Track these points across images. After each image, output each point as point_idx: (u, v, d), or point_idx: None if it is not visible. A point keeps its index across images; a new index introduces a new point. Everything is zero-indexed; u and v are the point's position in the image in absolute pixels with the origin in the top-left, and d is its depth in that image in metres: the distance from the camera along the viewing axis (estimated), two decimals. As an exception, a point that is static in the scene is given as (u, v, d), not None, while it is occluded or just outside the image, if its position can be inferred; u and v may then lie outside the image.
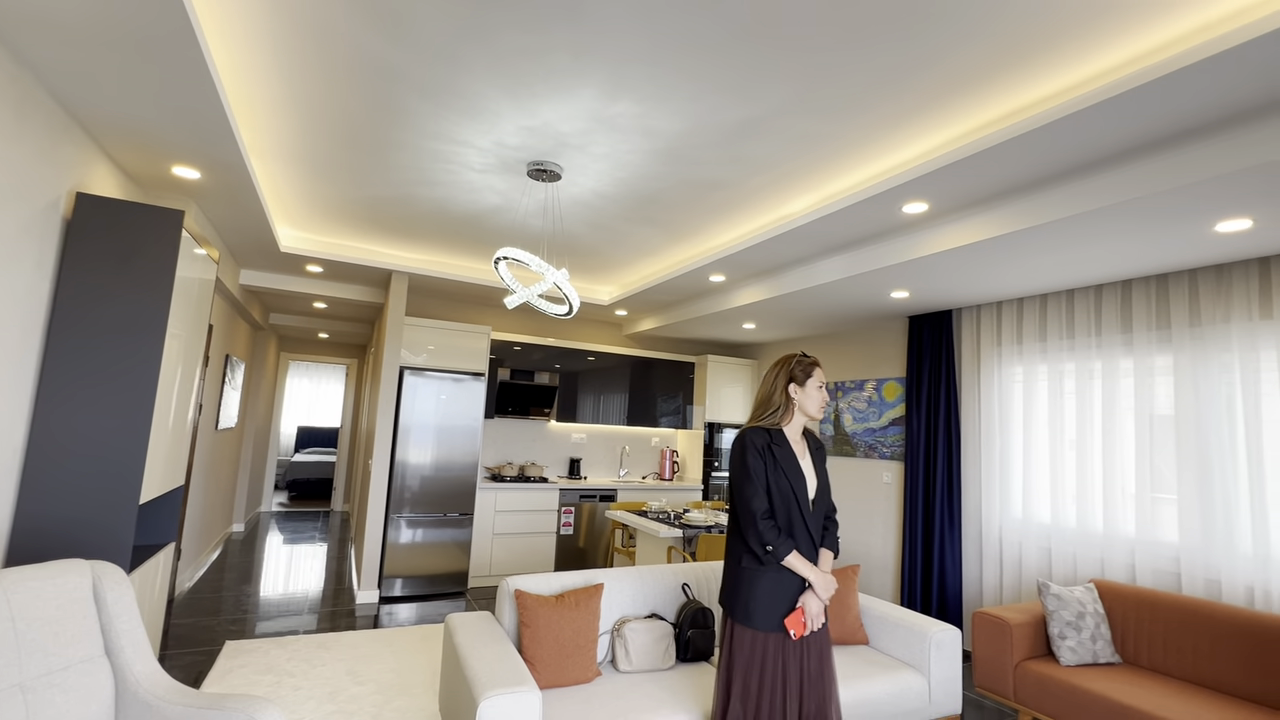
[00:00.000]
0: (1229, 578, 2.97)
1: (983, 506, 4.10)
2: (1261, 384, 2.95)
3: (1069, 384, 3.74)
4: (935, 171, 2.54)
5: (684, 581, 2.92)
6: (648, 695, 2.35)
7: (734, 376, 6.47)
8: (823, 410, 2.02)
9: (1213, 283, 3.13)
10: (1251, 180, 2.15)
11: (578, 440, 6.16)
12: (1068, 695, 2.77)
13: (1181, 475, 3.18)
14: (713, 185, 3.09)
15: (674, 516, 4.36)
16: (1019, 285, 3.69)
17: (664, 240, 4.01)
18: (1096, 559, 3.48)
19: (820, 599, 1.93)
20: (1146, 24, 1.78)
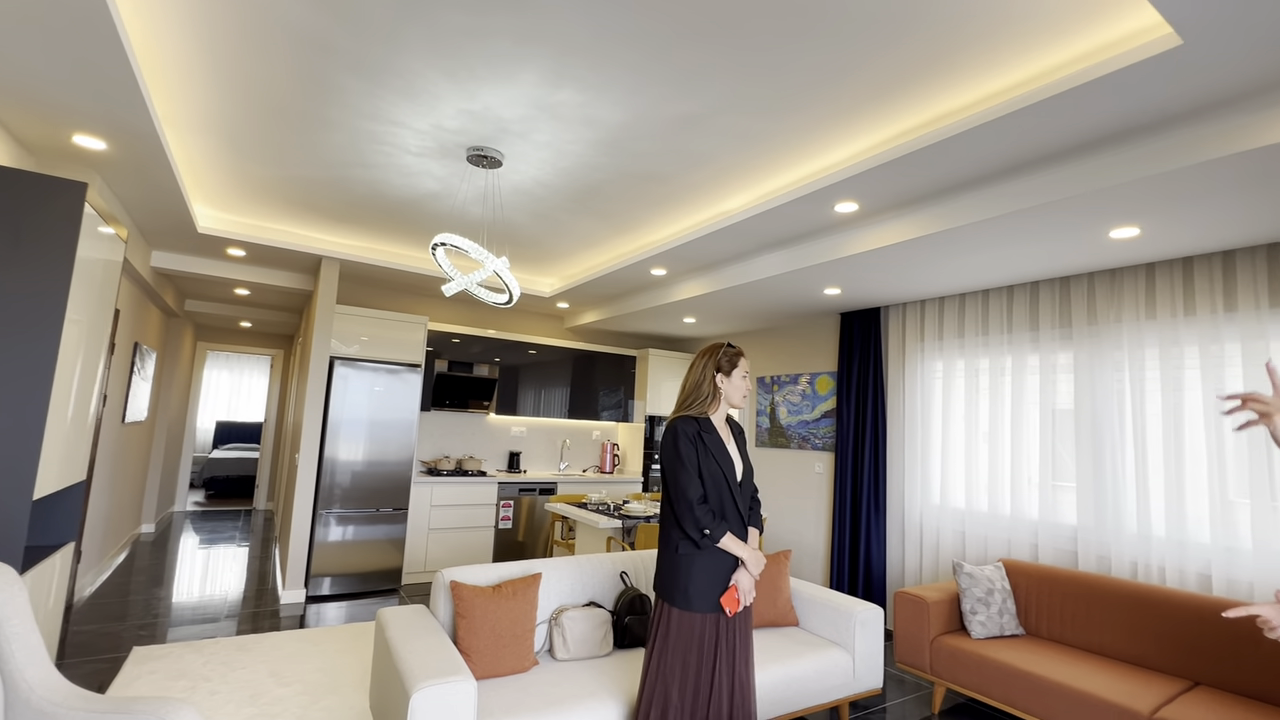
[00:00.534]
0: (1117, 554, 3.26)
1: (905, 494, 4.34)
2: (1146, 380, 3.26)
3: (983, 379, 4.00)
4: (864, 173, 2.67)
5: (622, 570, 2.96)
6: (585, 681, 2.37)
7: (675, 370, 6.56)
8: (745, 399, 2.10)
9: (1107, 286, 3.42)
10: (1138, 191, 2.37)
11: (518, 434, 6.09)
12: (977, 666, 2.98)
13: (1079, 463, 3.47)
14: (654, 178, 3.13)
15: (613, 508, 4.39)
16: (941, 285, 3.91)
17: (606, 232, 4.02)
18: (1005, 540, 3.75)
19: (751, 574, 2.02)
20: (1052, 42, 1.93)
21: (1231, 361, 2.97)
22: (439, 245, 2.72)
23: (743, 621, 2.09)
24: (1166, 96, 1.97)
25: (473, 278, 2.90)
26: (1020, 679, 2.81)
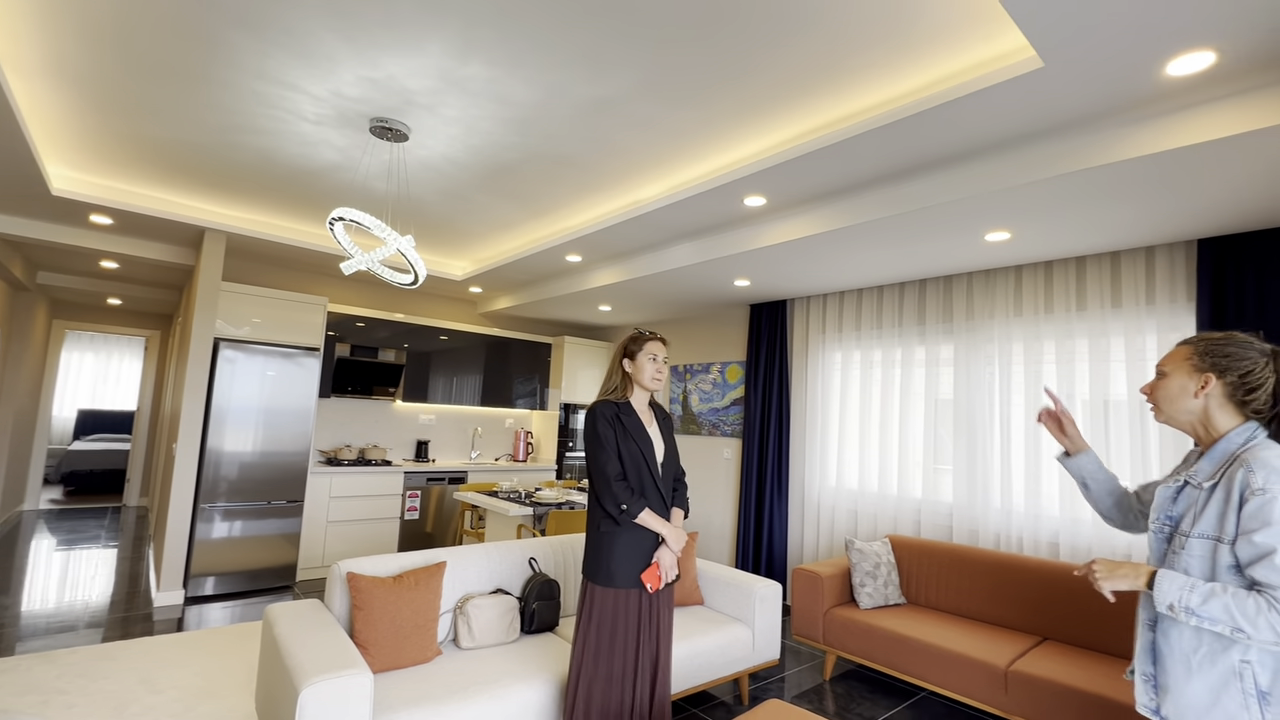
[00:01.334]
0: (984, 528, 3.62)
1: (806, 477, 4.58)
2: (1012, 372, 3.62)
3: (876, 370, 4.29)
4: (770, 169, 2.78)
5: (531, 556, 2.94)
6: (491, 668, 2.35)
7: (590, 358, 6.56)
8: (655, 381, 2.16)
9: (983, 285, 3.76)
10: (1008, 199, 2.61)
11: (426, 421, 5.88)
12: (864, 634, 3.21)
13: (956, 447, 3.80)
14: (569, 163, 3.10)
15: (525, 495, 4.35)
16: (842, 280, 4.15)
17: (521, 215, 3.95)
18: (892, 517, 4.06)
19: (673, 551, 2.09)
20: (940, 55, 2.09)
21: (1081, 356, 3.35)
22: (338, 220, 2.57)
23: (665, 600, 2.16)
24: (1030, 113, 2.18)
25: (374, 256, 2.76)
26: (900, 644, 3.06)
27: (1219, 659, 1.17)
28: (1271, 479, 1.13)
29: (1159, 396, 1.35)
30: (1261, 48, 1.76)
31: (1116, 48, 1.78)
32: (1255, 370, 1.24)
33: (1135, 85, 1.97)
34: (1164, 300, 3.09)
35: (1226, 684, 1.15)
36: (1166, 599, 1.18)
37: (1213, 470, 1.24)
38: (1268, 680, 1.13)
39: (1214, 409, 1.28)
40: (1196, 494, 1.25)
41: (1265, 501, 1.13)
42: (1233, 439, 1.24)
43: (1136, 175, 2.30)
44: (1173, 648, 1.22)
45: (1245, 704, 1.14)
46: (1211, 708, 1.16)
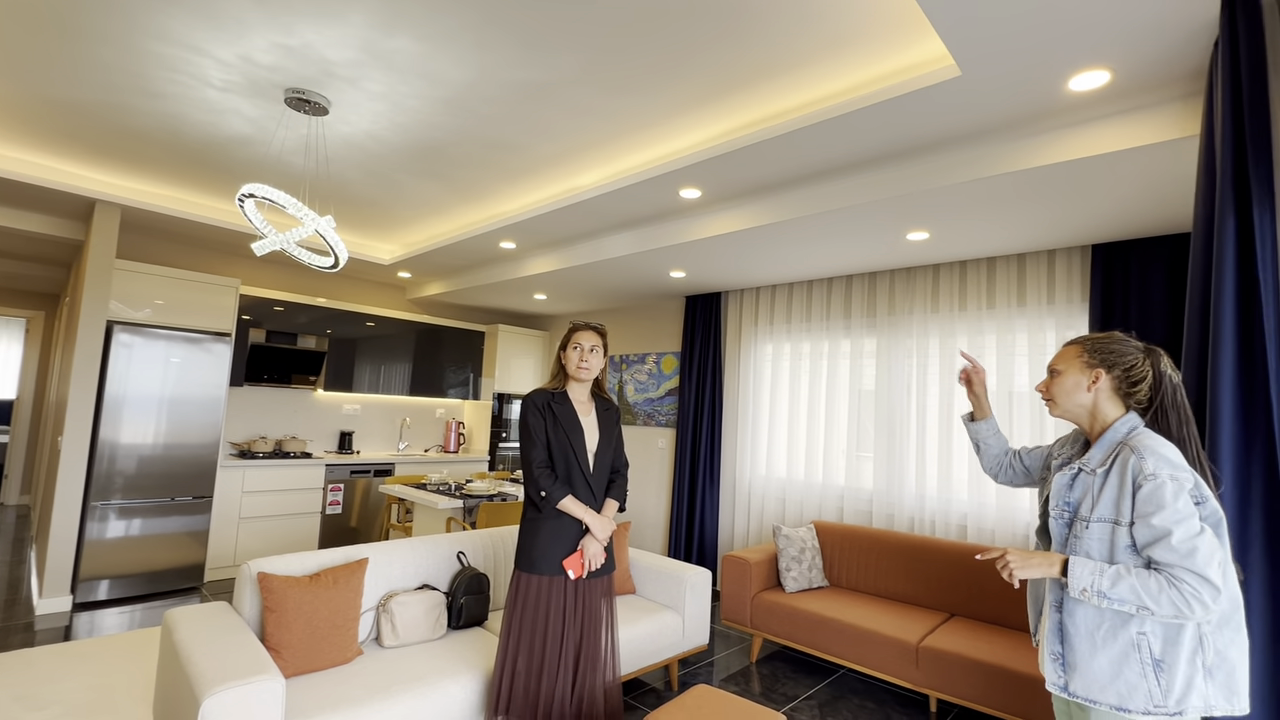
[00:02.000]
0: (900, 512, 3.82)
1: (737, 466, 4.69)
2: (929, 365, 3.82)
3: (805, 362, 4.44)
4: (706, 161, 2.80)
5: (459, 550, 2.87)
6: (416, 666, 2.28)
7: (525, 348, 6.45)
8: (581, 369, 2.17)
9: (904, 282, 3.95)
10: (928, 200, 2.74)
11: (350, 412, 5.62)
12: (789, 616, 3.33)
13: (877, 436, 3.99)
14: (504, 146, 3.01)
15: (455, 488, 4.24)
16: (774, 274, 4.25)
17: (452, 199, 3.81)
18: (817, 504, 4.22)
19: (598, 540, 2.10)
20: (871, 59, 2.15)
21: (989, 350, 3.58)
22: (248, 197, 2.40)
23: (599, 589, 2.17)
24: (949, 119, 2.29)
25: (290, 236, 2.59)
26: (822, 624, 3.20)
27: (1119, 633, 1.27)
28: (1161, 465, 1.24)
29: (1055, 392, 1.46)
30: (1148, 70, 1.91)
31: (1026, 60, 1.89)
32: (1137, 365, 1.36)
33: (1042, 98, 2.10)
34: (1062, 299, 3.34)
35: (1126, 656, 1.26)
36: (1080, 584, 1.27)
37: (1104, 457, 1.35)
38: (1160, 649, 1.24)
39: (1103, 401, 1.39)
40: (1091, 480, 1.35)
41: (1157, 486, 1.23)
42: (1119, 428, 1.36)
43: (1042, 183, 2.47)
44: (1078, 627, 1.32)
45: (1143, 672, 1.25)
46: (1114, 679, 1.26)
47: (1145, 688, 1.24)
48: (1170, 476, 1.23)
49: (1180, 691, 1.22)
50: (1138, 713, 1.24)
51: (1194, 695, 1.22)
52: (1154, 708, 1.23)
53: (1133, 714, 1.25)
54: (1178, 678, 1.23)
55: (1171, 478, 1.23)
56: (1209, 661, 1.23)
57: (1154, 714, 1.24)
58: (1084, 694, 1.30)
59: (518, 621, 2.08)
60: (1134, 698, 1.24)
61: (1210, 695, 1.23)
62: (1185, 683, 1.23)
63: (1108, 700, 1.27)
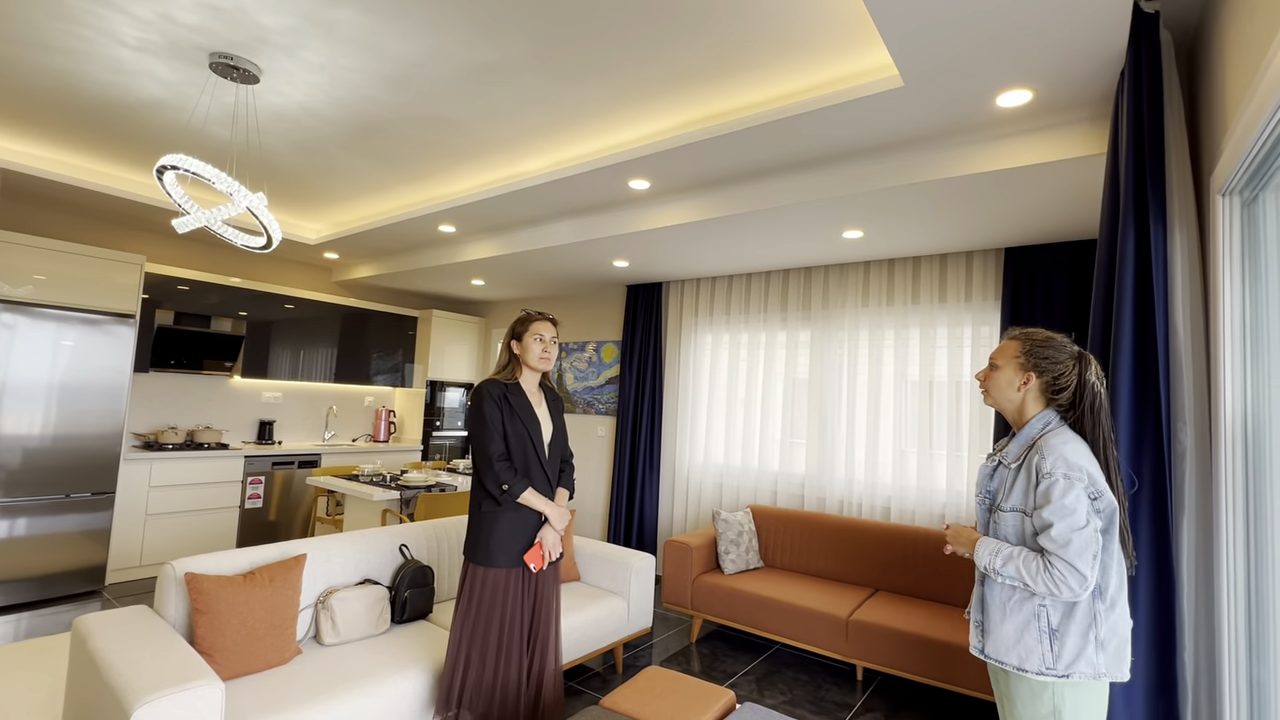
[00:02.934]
0: (830, 495, 4.04)
1: (677, 453, 4.80)
2: (859, 356, 4.05)
3: (743, 352, 4.58)
4: (657, 154, 2.82)
5: (402, 543, 2.80)
6: (360, 663, 2.22)
7: (461, 334, 6.29)
8: (542, 360, 2.16)
9: (837, 277, 4.15)
10: (864, 201, 2.89)
11: (271, 400, 5.30)
12: (728, 597, 3.47)
13: (809, 424, 4.19)
14: (449, 127, 2.92)
15: (390, 479, 4.10)
16: (715, 266, 4.34)
17: (390, 179, 3.65)
18: (753, 489, 4.39)
19: (556, 530, 2.11)
20: (819, 64, 2.24)
21: (913, 343, 3.83)
22: (169, 169, 2.21)
23: (550, 577, 2.19)
24: (889, 126, 2.42)
25: (217, 214, 2.41)
26: (759, 603, 3.35)
27: (1024, 605, 1.43)
28: (1057, 465, 1.40)
29: (990, 385, 1.60)
30: (1064, 92, 2.10)
31: (963, 75, 2.03)
32: (1065, 373, 1.51)
33: (974, 111, 2.26)
34: (979, 297, 3.62)
35: (1028, 624, 1.42)
36: (981, 562, 1.44)
37: (1018, 453, 1.50)
38: (1057, 620, 1.41)
39: (1029, 400, 1.55)
40: (1006, 473, 1.50)
41: (1051, 484, 1.39)
42: (1034, 425, 1.51)
43: (968, 190, 2.66)
44: (994, 597, 1.47)
45: (1039, 638, 1.41)
46: (1017, 643, 1.42)
47: (1040, 651, 1.40)
48: (1064, 475, 1.39)
49: (1070, 658, 1.39)
50: (1032, 672, 1.41)
51: (1083, 662, 1.39)
52: (1045, 669, 1.40)
53: (1029, 673, 1.41)
54: (1068, 646, 1.39)
55: (1065, 476, 1.38)
56: (1102, 635, 1.41)
57: (1045, 675, 1.40)
58: (995, 655, 1.46)
59: (473, 615, 2.06)
60: (1030, 659, 1.41)
61: (1100, 664, 1.40)
62: (1075, 651, 1.39)
63: (1011, 661, 1.43)
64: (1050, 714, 1.40)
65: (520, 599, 2.09)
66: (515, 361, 2.19)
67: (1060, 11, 1.70)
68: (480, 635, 2.05)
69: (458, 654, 2.06)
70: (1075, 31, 1.78)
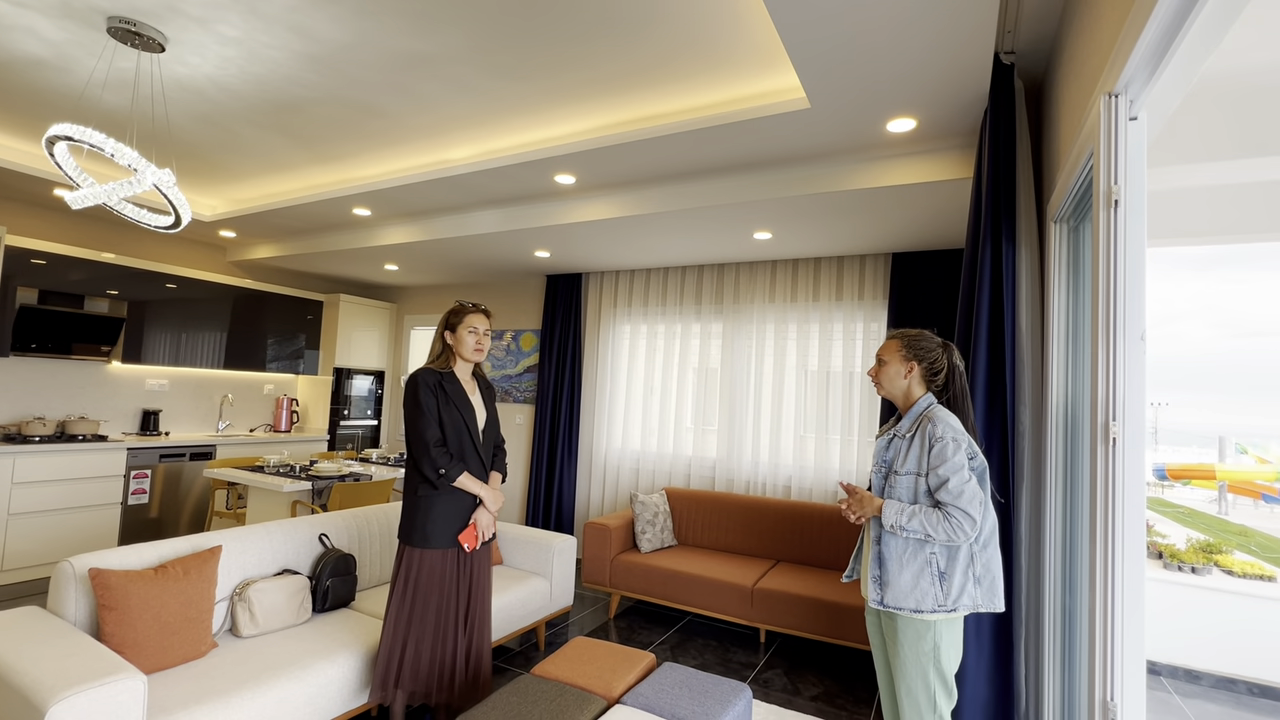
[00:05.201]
0: (738, 476, 4.36)
1: (594, 439, 4.95)
2: (765, 348, 4.38)
3: (659, 342, 4.80)
4: (584, 152, 2.93)
5: (322, 532, 2.77)
6: (284, 652, 2.21)
7: (370, 320, 6.07)
8: (476, 352, 2.23)
9: (747, 275, 4.45)
10: (774, 206, 3.16)
11: (156, 388, 4.90)
12: (644, 573, 3.68)
13: (720, 411, 4.48)
14: (373, 112, 2.87)
15: (299, 469, 3.96)
16: (635, 259, 4.51)
17: (303, 158, 3.50)
18: (667, 472, 4.64)
19: (490, 512, 2.21)
20: (740, 79, 2.44)
21: (813, 336, 4.21)
22: (61, 139, 2.05)
23: (483, 558, 2.27)
24: (797, 141, 2.68)
25: (115, 190, 2.26)
26: (672, 578, 3.59)
27: (918, 555, 1.71)
28: (947, 430, 1.69)
29: (882, 378, 1.88)
30: (941, 123, 2.44)
31: (860, 102, 2.31)
32: (937, 360, 1.81)
33: (868, 133, 2.56)
34: (869, 296, 4.04)
35: (922, 571, 1.70)
36: (889, 520, 1.70)
37: (910, 426, 1.79)
38: (944, 565, 1.70)
39: (913, 385, 1.84)
40: (901, 443, 1.78)
41: (943, 446, 1.68)
42: (921, 404, 1.81)
43: (863, 201, 2.98)
44: (891, 553, 1.74)
45: (932, 581, 1.69)
46: (913, 589, 1.70)
47: (933, 593, 1.69)
48: (953, 439, 1.68)
49: (955, 594, 1.69)
50: (928, 611, 1.70)
51: (965, 597, 1.70)
52: (938, 606, 1.69)
53: (924, 613, 1.70)
54: (954, 584, 1.69)
55: (953, 440, 1.68)
56: (978, 572, 1.72)
57: (938, 611, 1.70)
58: (893, 603, 1.74)
59: (409, 597, 2.12)
60: (925, 600, 1.70)
61: (978, 597, 1.71)
62: (959, 588, 1.70)
63: (909, 605, 1.71)
64: (931, 649, 1.70)
65: (455, 579, 2.18)
66: (449, 351, 2.25)
67: (939, 54, 1.99)
68: (418, 616, 2.12)
69: (394, 635, 2.11)
70: (951, 73, 2.09)
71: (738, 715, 1.96)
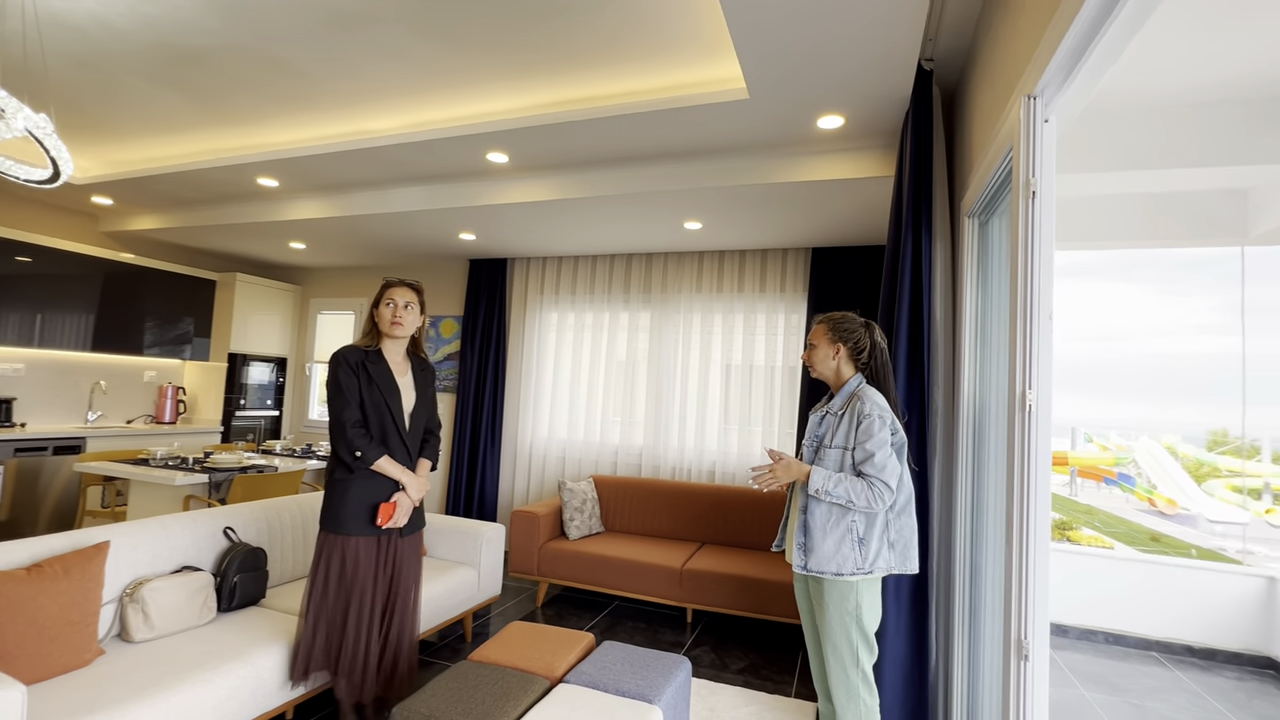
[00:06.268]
0: (664, 463, 4.44)
1: (519, 428, 4.86)
2: (692, 338, 4.47)
3: (587, 331, 4.78)
4: (521, 130, 2.87)
5: (227, 525, 2.54)
6: (188, 655, 2.01)
7: (271, 303, 5.62)
8: (394, 326, 2.13)
9: (675, 265, 4.52)
10: (707, 196, 3.24)
11: (8, 372, 4.28)
12: (572, 560, 3.67)
13: (648, 399, 4.54)
14: (290, 72, 2.65)
15: (193, 462, 3.61)
16: (564, 245, 4.47)
17: (200, 118, 3.18)
18: (594, 460, 4.64)
19: (412, 500, 2.12)
20: (683, 65, 2.48)
21: (738, 328, 4.35)
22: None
23: (407, 548, 2.18)
24: (733, 132, 2.76)
25: (-25, 133, 1.95)
26: (602, 563, 3.60)
27: (840, 522, 1.82)
28: (873, 408, 1.81)
29: (814, 360, 1.99)
30: (867, 121, 2.60)
31: (795, 97, 2.41)
32: (861, 339, 1.93)
33: (801, 128, 2.68)
34: (790, 288, 4.23)
35: (844, 536, 1.81)
36: (815, 485, 1.79)
37: (842, 404, 1.90)
38: (863, 531, 1.82)
39: (842, 365, 1.95)
40: (833, 420, 1.89)
41: (870, 423, 1.79)
42: (851, 383, 1.92)
43: (791, 194, 3.12)
44: (816, 521, 1.84)
45: (853, 546, 1.81)
46: (835, 554, 1.81)
47: (853, 557, 1.81)
48: (878, 416, 1.81)
49: (872, 558, 1.82)
50: (848, 574, 1.81)
51: (880, 560, 1.83)
52: (856, 569, 1.81)
53: (844, 575, 1.82)
54: (871, 549, 1.82)
55: (879, 417, 1.81)
56: (892, 538, 1.86)
57: (857, 573, 1.82)
58: (817, 568, 1.84)
59: (322, 582, 2.05)
60: (846, 564, 1.81)
61: (892, 561, 1.85)
62: (875, 552, 1.83)
63: (830, 569, 1.82)
64: (854, 609, 1.81)
65: (375, 568, 2.09)
66: (375, 329, 2.17)
67: (874, 54, 2.12)
68: (334, 603, 2.04)
69: (313, 620, 2.04)
70: (881, 74, 2.23)
71: (679, 686, 2.00)
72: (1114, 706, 2.94)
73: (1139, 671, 3.32)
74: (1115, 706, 2.94)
